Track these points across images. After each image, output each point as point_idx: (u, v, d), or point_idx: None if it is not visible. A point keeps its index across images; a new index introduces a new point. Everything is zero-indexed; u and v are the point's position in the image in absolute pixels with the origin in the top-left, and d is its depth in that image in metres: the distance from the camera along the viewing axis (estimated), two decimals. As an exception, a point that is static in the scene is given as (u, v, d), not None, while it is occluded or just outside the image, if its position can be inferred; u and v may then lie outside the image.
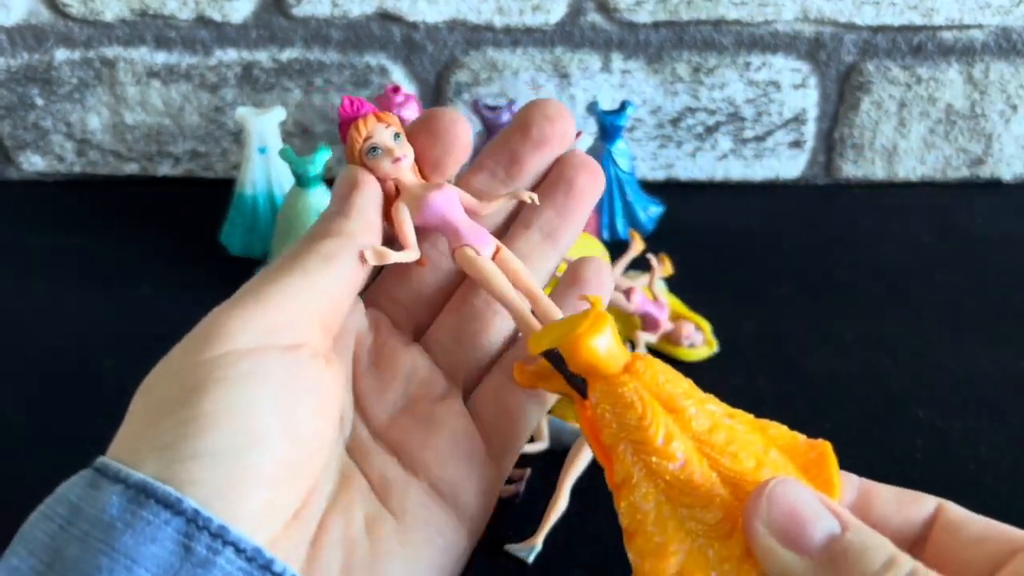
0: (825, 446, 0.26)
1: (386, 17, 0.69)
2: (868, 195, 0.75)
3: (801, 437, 0.26)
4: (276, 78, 0.72)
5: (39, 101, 0.73)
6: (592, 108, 0.64)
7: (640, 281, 0.54)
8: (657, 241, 0.66)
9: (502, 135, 0.31)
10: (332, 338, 0.28)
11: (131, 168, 0.76)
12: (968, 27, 0.69)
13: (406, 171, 0.29)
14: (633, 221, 0.68)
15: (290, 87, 0.72)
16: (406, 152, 0.29)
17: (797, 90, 0.71)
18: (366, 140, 0.28)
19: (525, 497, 0.44)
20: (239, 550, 0.22)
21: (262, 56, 0.71)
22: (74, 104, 0.73)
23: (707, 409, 0.25)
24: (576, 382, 0.26)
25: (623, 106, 0.64)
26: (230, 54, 0.71)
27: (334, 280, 0.27)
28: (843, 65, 0.71)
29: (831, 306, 0.59)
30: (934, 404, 0.50)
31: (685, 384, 0.26)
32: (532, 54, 0.70)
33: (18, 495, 0.45)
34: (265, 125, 0.62)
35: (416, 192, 0.29)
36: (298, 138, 0.74)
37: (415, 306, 0.31)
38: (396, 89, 0.65)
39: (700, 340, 0.54)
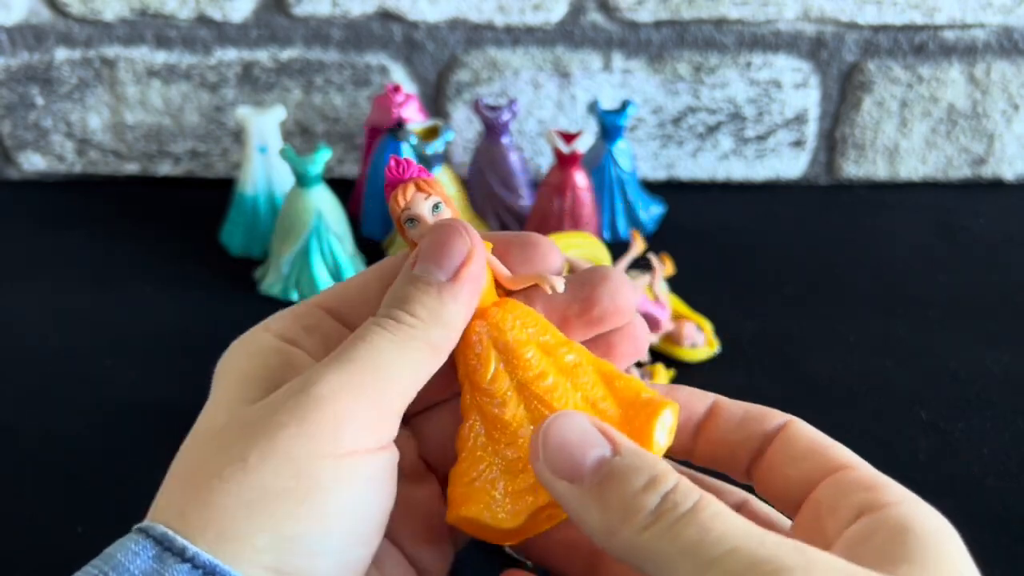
0: (659, 405, 0.26)
1: (387, 16, 0.69)
2: (870, 195, 0.75)
3: (645, 393, 0.26)
4: (276, 77, 0.71)
5: (39, 101, 0.73)
6: (593, 107, 0.64)
7: (641, 281, 0.54)
8: (658, 241, 0.66)
9: (560, 295, 0.28)
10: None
11: (131, 168, 0.76)
12: (970, 26, 0.69)
13: None
14: (634, 221, 0.67)
15: (290, 86, 0.72)
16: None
17: (799, 89, 0.71)
18: (404, 210, 0.27)
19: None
20: None
21: (262, 55, 0.71)
22: (74, 103, 0.73)
23: (542, 356, 0.27)
24: None
25: (624, 105, 0.64)
26: (230, 53, 0.71)
27: (425, 375, 0.25)
28: (845, 64, 0.71)
29: (833, 306, 0.59)
30: (937, 404, 0.50)
31: (533, 331, 0.27)
32: (533, 53, 0.70)
33: (18, 495, 0.45)
34: (265, 124, 0.62)
35: None
36: (298, 137, 0.74)
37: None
38: (397, 88, 0.65)
39: (701, 340, 0.54)
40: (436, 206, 0.27)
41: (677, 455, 0.28)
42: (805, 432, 0.27)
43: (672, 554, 0.20)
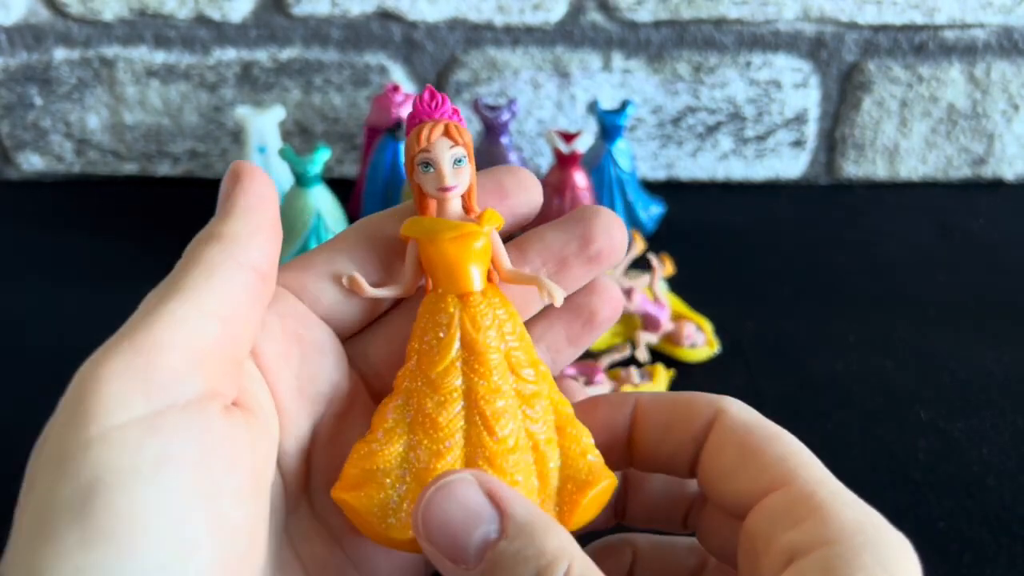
0: (597, 478, 0.24)
1: (386, 16, 0.69)
2: (870, 195, 0.75)
3: (591, 455, 0.25)
4: (275, 77, 0.71)
5: (38, 101, 0.73)
6: (593, 107, 0.64)
7: (641, 281, 0.54)
8: (658, 241, 0.66)
9: (555, 234, 0.28)
10: (242, 373, 0.23)
11: (130, 168, 0.76)
12: (970, 26, 0.69)
13: (451, 202, 0.25)
14: (634, 221, 0.67)
15: (289, 86, 0.72)
16: (459, 183, 0.24)
17: (798, 89, 0.71)
18: (422, 151, 0.24)
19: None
20: None
21: (261, 55, 0.71)
22: (73, 104, 0.73)
23: (507, 376, 0.24)
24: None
25: (624, 105, 0.64)
26: (229, 53, 0.71)
27: (223, 297, 0.22)
28: (844, 64, 0.70)
29: (833, 306, 0.59)
30: (936, 404, 0.50)
31: (510, 338, 0.25)
32: (532, 53, 0.70)
33: (17, 495, 0.45)
34: (264, 124, 0.62)
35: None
36: (297, 137, 0.74)
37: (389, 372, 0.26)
38: (396, 88, 0.65)
39: (701, 340, 0.54)
40: (459, 160, 0.24)
41: (616, 469, 0.26)
42: (735, 430, 0.24)
43: None
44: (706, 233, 0.68)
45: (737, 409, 0.24)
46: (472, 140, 0.25)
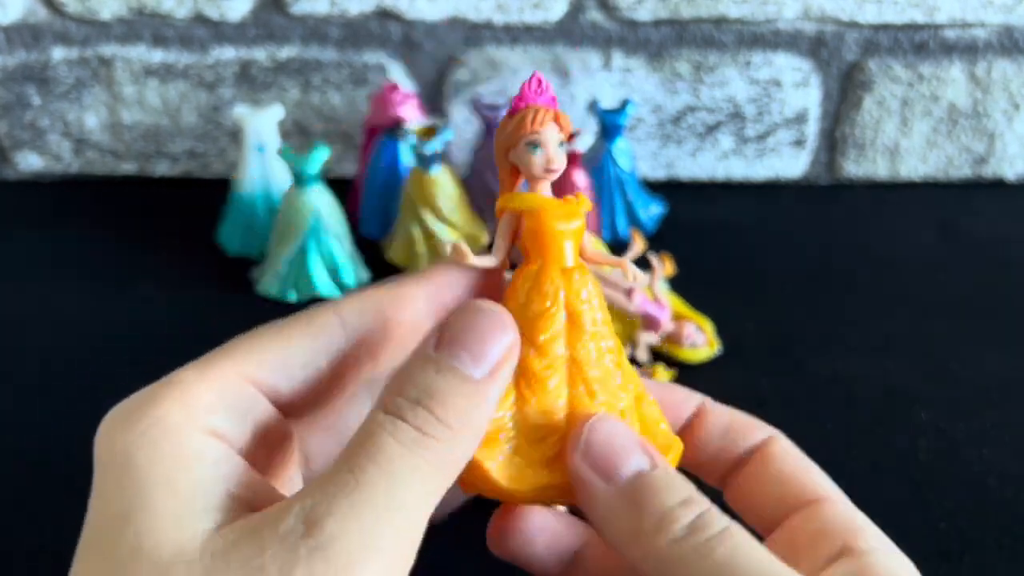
0: (671, 443, 0.26)
1: (385, 15, 0.69)
2: (870, 194, 0.75)
3: (663, 424, 0.27)
4: (274, 76, 0.71)
5: (36, 100, 0.73)
6: (592, 106, 0.64)
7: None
8: (658, 241, 0.66)
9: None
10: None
11: (128, 167, 0.76)
12: (971, 25, 0.69)
13: (546, 186, 0.27)
14: (634, 220, 0.67)
15: (288, 86, 0.72)
16: (561, 168, 0.26)
17: (799, 88, 0.71)
18: (532, 132, 0.25)
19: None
20: None
21: (260, 54, 0.70)
22: (71, 103, 0.73)
23: (601, 346, 0.26)
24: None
25: (624, 104, 0.64)
26: (228, 52, 0.70)
27: (438, 499, 0.21)
28: (845, 63, 0.70)
29: (834, 306, 0.59)
30: (938, 404, 0.50)
31: (600, 315, 0.26)
32: (532, 52, 0.70)
33: (17, 496, 0.45)
34: (263, 124, 0.62)
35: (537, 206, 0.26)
36: (296, 137, 0.74)
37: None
38: (395, 87, 0.65)
39: (702, 340, 0.53)
40: (562, 144, 0.26)
41: None
42: (786, 452, 0.27)
43: (701, 569, 0.21)
44: (706, 233, 0.68)
45: (786, 442, 0.27)
46: (570, 129, 0.27)
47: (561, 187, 0.62)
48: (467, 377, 0.21)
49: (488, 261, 0.26)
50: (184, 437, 0.21)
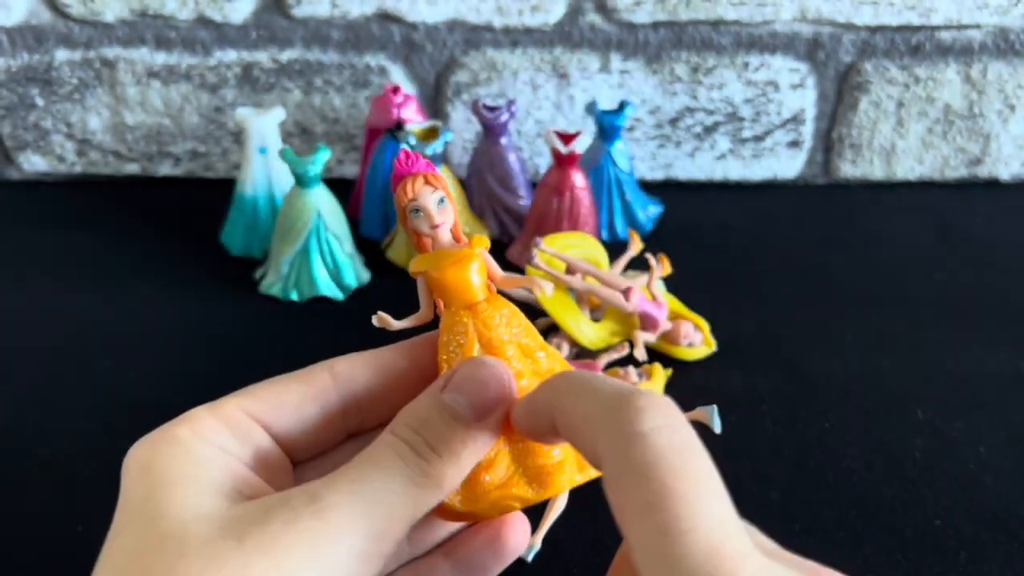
0: None
1: (386, 17, 0.69)
2: (866, 195, 0.75)
3: None
4: (276, 78, 0.72)
5: (39, 101, 0.73)
6: (591, 108, 0.64)
7: (639, 281, 0.54)
8: (656, 241, 0.66)
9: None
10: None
11: (131, 168, 0.76)
12: (966, 27, 0.69)
13: (442, 235, 0.30)
14: (632, 221, 0.68)
15: (290, 87, 0.72)
16: (446, 219, 0.29)
17: (795, 90, 0.72)
18: (411, 201, 0.29)
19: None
20: None
21: (262, 56, 0.71)
22: (74, 104, 0.73)
23: (523, 359, 0.28)
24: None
25: (622, 106, 0.64)
26: (230, 54, 0.71)
27: (423, 512, 0.25)
28: (841, 65, 0.71)
29: (830, 305, 0.59)
30: (933, 403, 0.50)
31: (517, 331, 0.29)
32: (531, 54, 0.70)
33: (18, 495, 0.45)
34: (265, 125, 0.62)
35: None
36: (298, 138, 0.74)
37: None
38: (396, 89, 0.65)
39: (699, 340, 0.54)
40: (441, 200, 0.29)
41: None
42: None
43: None
44: (704, 233, 0.69)
45: (617, 452, 0.22)
46: (448, 184, 0.29)
47: (560, 188, 0.63)
48: (456, 414, 0.25)
49: (412, 321, 0.30)
50: (195, 449, 0.24)
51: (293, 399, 0.27)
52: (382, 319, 0.30)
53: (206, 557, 0.21)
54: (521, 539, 0.29)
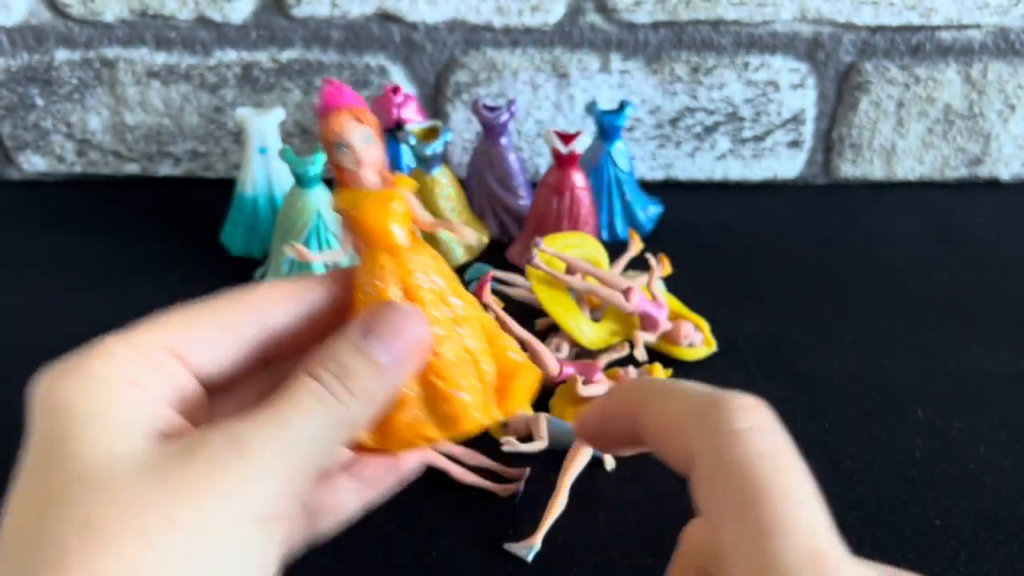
0: (522, 369, 0.29)
1: (386, 17, 0.69)
2: (867, 195, 0.75)
3: (513, 358, 0.29)
4: (276, 78, 0.72)
5: (39, 101, 0.73)
6: (591, 108, 0.64)
7: (639, 281, 0.54)
8: (656, 241, 0.66)
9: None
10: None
11: (131, 168, 0.76)
12: (966, 27, 0.69)
13: (367, 174, 0.29)
14: (632, 221, 0.68)
15: (290, 87, 0.72)
16: (372, 157, 0.29)
17: (795, 90, 0.72)
18: (337, 136, 0.28)
19: (524, 496, 0.44)
20: None
21: (262, 56, 0.71)
22: (74, 104, 0.73)
23: (440, 305, 0.28)
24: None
25: (622, 106, 0.64)
26: (230, 54, 0.71)
27: (336, 450, 0.26)
28: (841, 65, 0.71)
29: (830, 305, 0.59)
30: (933, 403, 0.50)
31: (437, 278, 0.29)
32: (531, 54, 0.70)
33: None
34: (265, 125, 0.63)
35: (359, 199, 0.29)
36: (298, 138, 0.74)
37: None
38: (396, 89, 0.65)
39: (699, 340, 0.54)
40: (368, 137, 0.28)
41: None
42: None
43: None
44: (704, 233, 0.69)
45: (714, 451, 0.22)
46: (375, 121, 0.29)
47: (560, 188, 0.63)
48: (375, 362, 0.25)
49: (328, 256, 0.30)
50: (112, 384, 0.24)
51: (212, 333, 0.26)
52: (299, 251, 0.31)
53: (127, 500, 0.21)
54: (415, 460, 0.30)
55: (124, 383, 0.24)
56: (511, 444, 0.44)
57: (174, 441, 0.23)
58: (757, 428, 0.21)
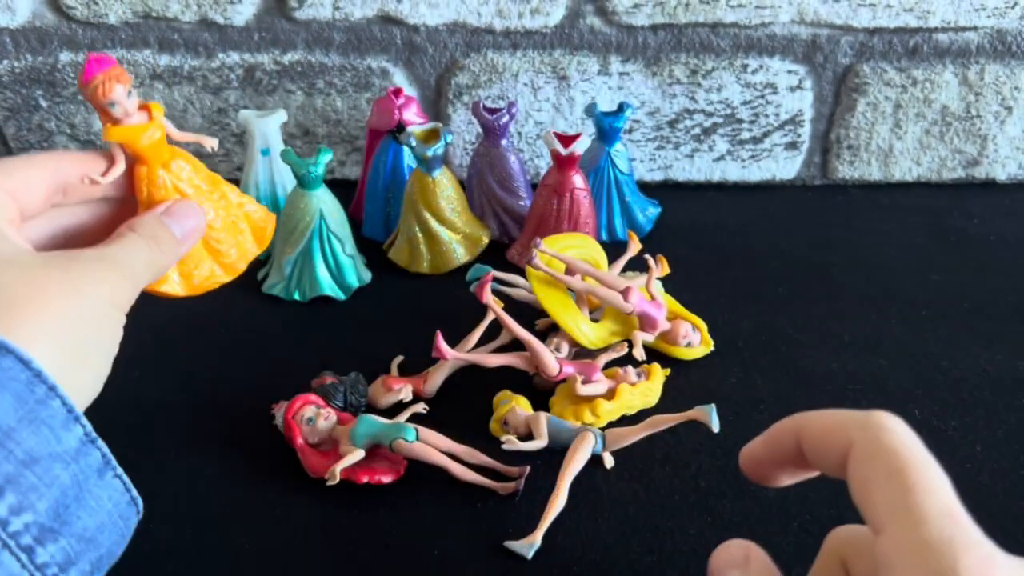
0: (270, 218, 0.46)
1: (387, 20, 0.70)
2: (864, 196, 0.75)
3: (252, 212, 0.45)
4: (278, 80, 0.72)
5: (43, 103, 0.73)
6: (591, 110, 0.65)
7: (638, 281, 0.54)
8: (655, 241, 0.67)
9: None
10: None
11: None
12: (963, 29, 0.69)
13: (135, 117, 0.40)
14: (631, 222, 0.68)
15: (292, 89, 0.72)
16: (133, 105, 0.40)
17: (793, 92, 0.72)
18: (106, 97, 0.38)
19: (524, 494, 0.44)
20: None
21: (264, 58, 0.71)
22: (78, 106, 0.74)
23: (202, 194, 0.42)
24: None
25: (621, 108, 0.65)
26: (233, 56, 0.71)
27: (143, 280, 0.38)
28: (839, 67, 0.71)
29: (827, 306, 0.60)
30: (930, 403, 0.51)
31: (197, 178, 0.42)
32: (531, 56, 0.71)
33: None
34: (268, 127, 0.63)
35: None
36: (300, 140, 0.75)
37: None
38: (397, 91, 0.65)
39: (697, 339, 0.54)
40: (128, 91, 0.39)
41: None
42: (857, 462, 0.28)
43: None
44: (702, 234, 0.69)
45: (859, 452, 0.28)
46: (130, 78, 0.39)
47: (560, 189, 0.63)
48: (171, 232, 0.39)
49: (112, 174, 0.40)
50: None
51: (33, 184, 0.37)
52: (90, 179, 0.39)
53: (34, 278, 0.32)
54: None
55: None
56: (511, 443, 0.44)
57: (49, 252, 0.34)
58: (901, 428, 0.27)
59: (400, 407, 0.49)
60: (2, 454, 0.28)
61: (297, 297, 0.60)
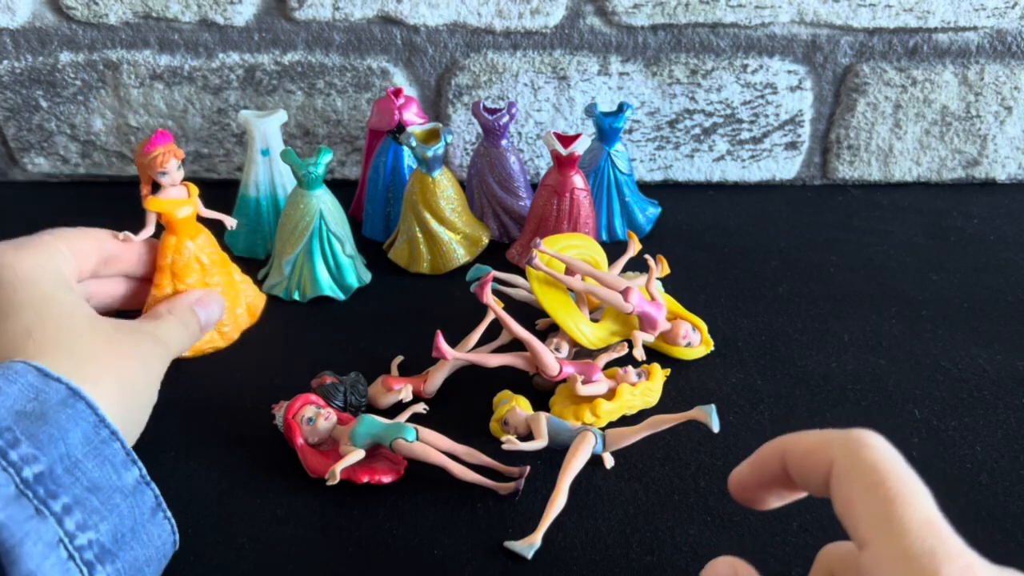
0: (261, 298, 0.58)
1: (387, 20, 0.70)
2: (864, 196, 0.76)
3: (245, 291, 0.56)
4: (279, 80, 0.72)
5: (43, 103, 0.73)
6: (590, 110, 0.65)
7: (638, 281, 0.54)
8: (654, 242, 0.67)
9: None
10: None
11: (135, 170, 0.76)
12: (963, 29, 0.69)
13: (177, 189, 0.51)
14: (631, 222, 0.68)
15: (292, 89, 0.73)
16: (179, 178, 0.51)
17: (793, 92, 0.72)
18: (161, 168, 0.49)
19: (524, 494, 0.44)
20: None
21: (265, 59, 0.71)
22: (78, 106, 0.74)
23: (220, 270, 0.54)
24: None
25: (621, 108, 0.65)
26: (233, 57, 0.71)
27: (174, 352, 0.47)
28: (839, 67, 0.71)
29: (827, 305, 0.60)
30: (930, 402, 0.51)
31: (215, 254, 0.53)
32: (531, 57, 0.71)
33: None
34: (268, 127, 0.63)
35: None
36: (300, 140, 0.75)
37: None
38: (397, 91, 0.65)
39: (697, 339, 0.54)
40: (179, 165, 0.50)
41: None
42: (839, 479, 0.28)
43: None
44: (702, 234, 0.69)
45: (840, 468, 0.28)
46: (181, 153, 0.51)
47: (560, 190, 0.63)
48: (199, 322, 0.50)
49: (144, 235, 0.51)
50: (55, 256, 0.44)
51: (87, 250, 0.47)
52: (126, 236, 0.50)
53: (119, 340, 0.41)
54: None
55: (61, 257, 0.44)
56: (511, 443, 0.45)
57: (106, 318, 0.43)
58: (880, 444, 0.27)
59: (400, 407, 0.49)
60: (71, 479, 0.32)
61: (297, 297, 0.60)
